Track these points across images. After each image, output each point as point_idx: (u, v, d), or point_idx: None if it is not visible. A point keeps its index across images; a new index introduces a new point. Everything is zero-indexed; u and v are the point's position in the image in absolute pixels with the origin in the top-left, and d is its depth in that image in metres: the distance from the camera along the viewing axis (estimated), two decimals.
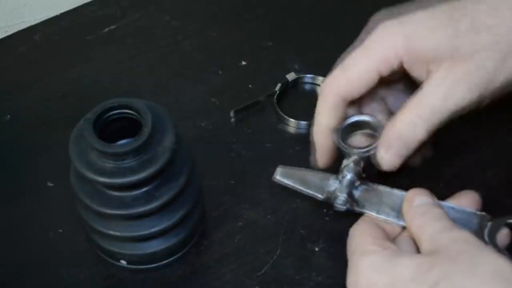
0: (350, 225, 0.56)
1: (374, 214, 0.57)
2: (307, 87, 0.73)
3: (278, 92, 0.71)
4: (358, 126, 0.60)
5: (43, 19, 0.80)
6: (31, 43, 0.77)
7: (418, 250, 0.52)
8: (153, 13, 0.80)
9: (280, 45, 0.76)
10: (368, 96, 0.60)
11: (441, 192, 0.61)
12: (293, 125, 0.69)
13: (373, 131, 0.59)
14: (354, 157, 0.58)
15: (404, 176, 0.61)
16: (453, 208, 0.56)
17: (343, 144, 0.58)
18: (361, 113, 0.60)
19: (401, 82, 0.60)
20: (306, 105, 0.71)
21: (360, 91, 0.57)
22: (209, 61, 0.75)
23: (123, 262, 0.59)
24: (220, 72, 0.74)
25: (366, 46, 0.56)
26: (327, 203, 0.59)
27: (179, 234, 0.58)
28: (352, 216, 0.58)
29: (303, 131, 0.69)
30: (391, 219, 0.56)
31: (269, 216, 0.63)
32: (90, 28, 0.78)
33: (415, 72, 0.56)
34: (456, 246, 0.48)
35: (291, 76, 0.72)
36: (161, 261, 0.59)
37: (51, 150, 0.67)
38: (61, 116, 0.70)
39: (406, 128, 0.55)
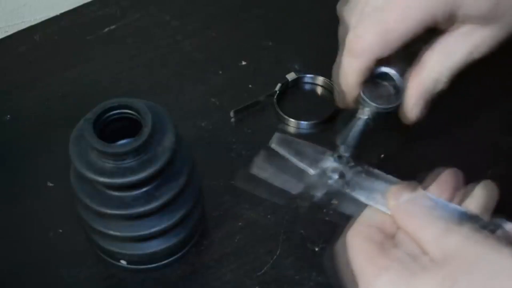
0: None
1: (363, 198, 0.55)
2: (307, 87, 0.73)
3: (278, 92, 0.71)
4: (381, 76, 0.60)
5: (43, 19, 0.80)
6: (31, 43, 0.77)
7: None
8: (153, 13, 0.80)
9: (280, 45, 0.76)
10: None
11: None
12: (293, 125, 0.69)
13: (397, 83, 0.59)
14: (372, 111, 0.58)
15: (405, 173, 0.61)
16: (436, 203, 0.52)
17: (368, 101, 0.58)
18: (385, 64, 0.59)
19: None
20: (306, 105, 0.71)
21: (393, 50, 0.56)
22: (209, 61, 0.75)
23: (123, 262, 0.59)
24: (220, 72, 0.74)
25: (408, 5, 0.54)
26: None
27: (179, 234, 0.58)
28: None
29: (303, 131, 0.69)
30: (380, 206, 0.54)
31: (269, 216, 0.63)
32: (90, 28, 0.78)
33: (440, 24, 0.56)
34: (467, 253, 0.46)
35: (291, 76, 0.72)
36: (161, 261, 0.59)
37: (51, 150, 0.67)
38: (61, 116, 0.70)
39: (433, 81, 0.57)
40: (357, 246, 0.52)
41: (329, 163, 0.58)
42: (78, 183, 0.55)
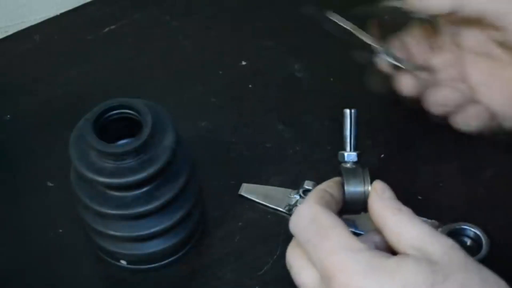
0: None
1: None
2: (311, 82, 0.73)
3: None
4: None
5: (43, 19, 0.80)
6: (31, 43, 0.77)
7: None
8: (153, 13, 0.80)
9: (280, 45, 0.76)
10: None
11: (440, 192, 0.61)
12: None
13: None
14: None
15: (399, 179, 0.61)
16: None
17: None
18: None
19: None
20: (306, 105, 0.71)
21: None
22: (209, 61, 0.75)
23: (123, 262, 0.59)
24: (220, 72, 0.74)
25: None
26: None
27: (179, 234, 0.58)
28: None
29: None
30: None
31: (269, 216, 0.63)
32: (90, 28, 0.78)
33: None
34: (459, 258, 0.47)
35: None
36: (161, 261, 0.59)
37: (51, 150, 0.67)
38: (61, 116, 0.70)
39: None
40: (327, 217, 0.49)
41: (295, 199, 0.62)
42: (78, 183, 0.55)
